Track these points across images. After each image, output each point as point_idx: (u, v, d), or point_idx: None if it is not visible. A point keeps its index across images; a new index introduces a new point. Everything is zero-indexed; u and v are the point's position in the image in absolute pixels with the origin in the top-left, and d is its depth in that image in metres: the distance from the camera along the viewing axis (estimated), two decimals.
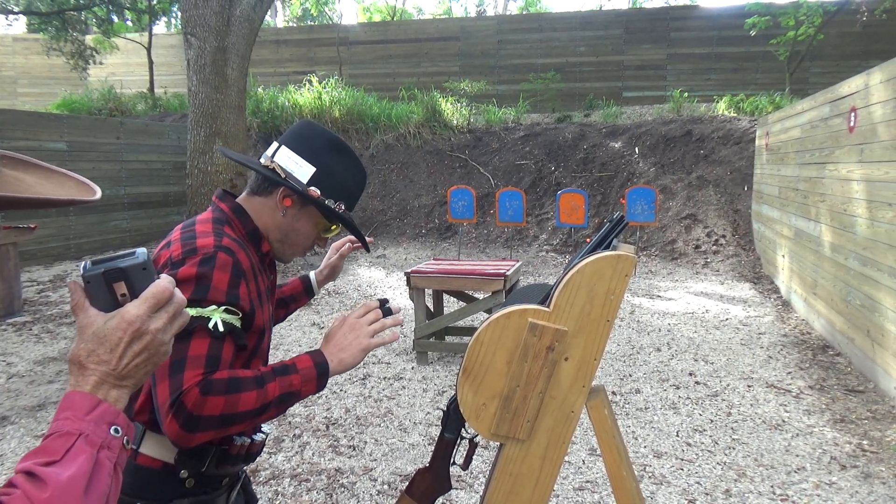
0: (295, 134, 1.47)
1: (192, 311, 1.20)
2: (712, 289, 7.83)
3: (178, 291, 0.83)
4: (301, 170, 1.42)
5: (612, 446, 1.45)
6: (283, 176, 1.41)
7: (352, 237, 1.74)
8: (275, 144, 1.46)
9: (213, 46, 8.27)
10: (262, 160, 1.46)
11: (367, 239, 1.70)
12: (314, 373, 1.29)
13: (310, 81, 13.75)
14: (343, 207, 1.46)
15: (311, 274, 1.87)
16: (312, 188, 1.42)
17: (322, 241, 1.53)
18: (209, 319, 1.22)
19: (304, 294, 1.85)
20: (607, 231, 1.51)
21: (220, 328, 1.22)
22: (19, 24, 20.00)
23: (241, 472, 1.50)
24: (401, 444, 3.73)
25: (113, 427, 0.76)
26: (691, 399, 4.39)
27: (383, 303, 1.43)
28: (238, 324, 1.27)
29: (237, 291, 1.27)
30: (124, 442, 0.78)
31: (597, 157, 11.29)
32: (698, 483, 3.27)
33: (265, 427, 1.48)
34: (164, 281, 0.82)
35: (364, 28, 17.58)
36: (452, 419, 1.57)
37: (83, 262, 0.82)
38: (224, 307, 1.25)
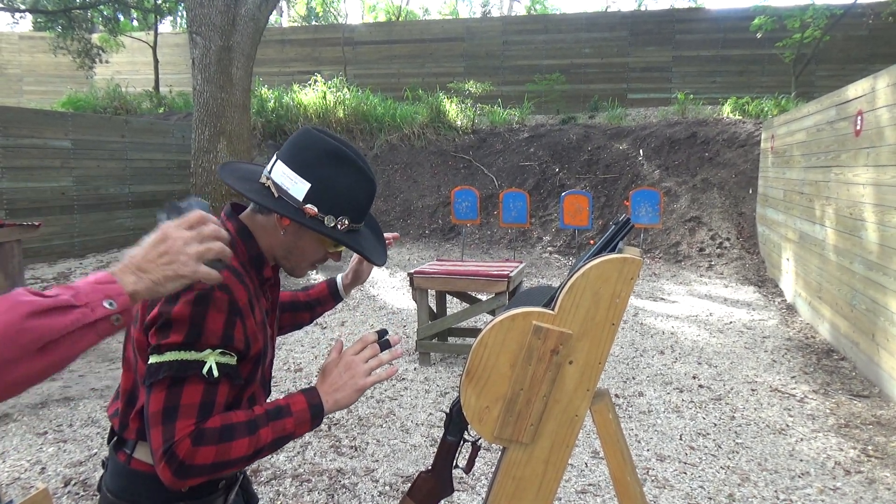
0: (291, 146, 1.35)
1: (186, 355, 1.17)
2: (716, 292, 7.80)
3: (212, 220, 1.00)
4: (296, 187, 1.30)
5: (616, 450, 1.44)
6: (276, 195, 1.30)
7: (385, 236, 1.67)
8: (273, 158, 1.36)
9: (218, 46, 8.27)
10: (262, 175, 1.37)
11: (389, 237, 1.68)
12: (308, 415, 1.28)
13: (315, 81, 13.76)
14: (347, 222, 1.34)
15: (338, 277, 1.81)
16: (309, 206, 1.30)
17: (335, 255, 1.44)
18: (203, 364, 1.19)
19: (330, 298, 1.80)
20: (613, 233, 1.49)
21: (215, 373, 1.20)
22: (25, 23, 20.06)
23: (238, 474, 1.49)
24: (403, 446, 3.72)
25: (108, 300, 0.87)
26: (695, 402, 4.37)
27: (381, 335, 1.39)
28: (233, 362, 1.24)
29: (232, 332, 1.23)
30: (113, 318, 0.87)
31: (601, 159, 11.27)
32: (701, 487, 3.26)
33: None
34: (200, 211, 1.01)
35: (369, 28, 17.59)
36: (455, 422, 1.55)
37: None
38: (219, 349, 1.21)
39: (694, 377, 4.86)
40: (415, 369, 5.05)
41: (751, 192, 9.88)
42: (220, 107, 8.44)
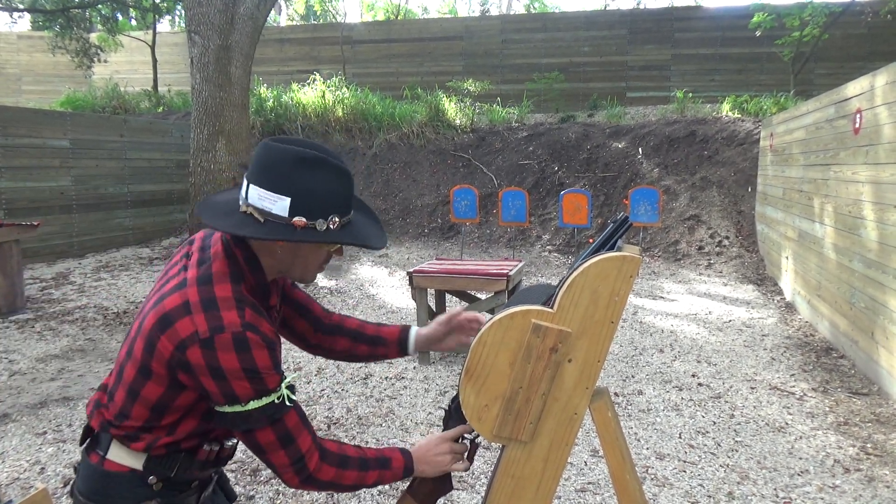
0: (258, 166, 1.31)
1: (268, 400, 1.28)
2: (715, 290, 7.81)
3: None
4: (278, 205, 1.29)
5: (615, 449, 1.43)
6: (262, 220, 1.29)
7: (468, 315, 1.69)
8: (244, 183, 1.34)
9: (216, 45, 8.26)
10: (240, 202, 1.35)
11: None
12: (401, 474, 1.50)
13: (314, 80, 13.75)
14: (338, 220, 1.34)
15: (413, 329, 1.73)
16: (297, 219, 1.29)
17: (338, 251, 1.45)
18: (283, 398, 1.30)
19: (396, 345, 1.74)
20: (611, 231, 1.49)
21: (293, 396, 1.33)
22: (24, 22, 20.03)
23: (212, 474, 1.51)
24: (402, 445, 3.71)
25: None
26: (694, 401, 4.37)
27: (473, 435, 1.56)
28: (289, 379, 1.35)
29: (279, 360, 1.32)
30: None
31: (600, 158, 11.27)
32: (701, 485, 3.26)
33: None
34: None
35: (368, 27, 17.57)
36: (454, 419, 1.56)
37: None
38: (282, 381, 1.31)
39: (693, 375, 4.86)
40: (414, 368, 5.05)
41: (750, 190, 9.88)
42: (219, 106, 8.43)
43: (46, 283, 7.91)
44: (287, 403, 1.29)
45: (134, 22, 19.82)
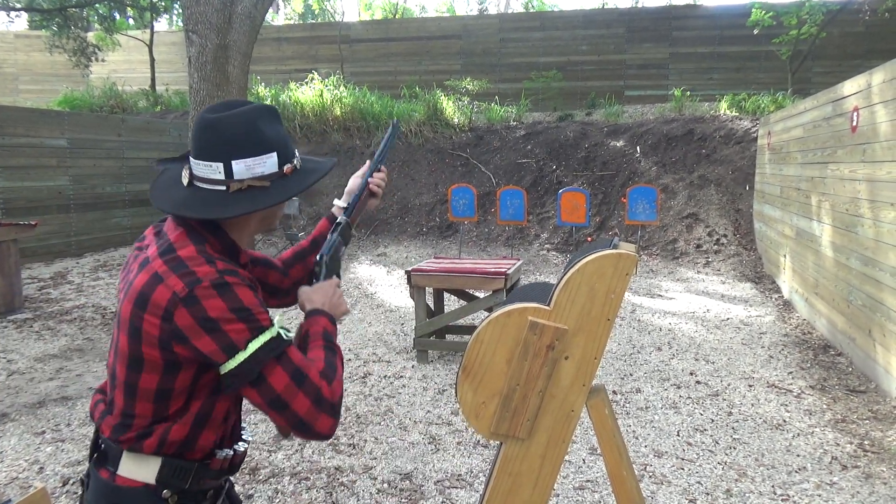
0: (230, 140, 1.30)
1: (265, 338, 1.24)
2: (713, 288, 7.82)
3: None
4: (267, 163, 1.32)
5: (612, 446, 1.44)
6: (268, 185, 1.31)
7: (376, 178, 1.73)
8: (216, 164, 1.30)
9: (214, 44, 8.26)
10: (222, 185, 1.32)
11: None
12: (333, 329, 1.47)
13: (312, 79, 13.74)
14: (294, 162, 1.37)
15: (334, 206, 1.77)
16: (286, 166, 1.34)
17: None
18: (279, 334, 1.27)
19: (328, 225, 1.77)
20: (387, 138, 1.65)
21: (289, 332, 1.30)
22: (21, 21, 19.99)
23: (225, 482, 1.48)
24: (401, 443, 3.72)
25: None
26: (692, 398, 4.38)
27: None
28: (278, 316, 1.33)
29: (260, 298, 1.30)
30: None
31: (598, 156, 11.27)
32: (699, 483, 3.26)
33: (246, 435, 1.49)
34: None
35: (366, 26, 17.55)
36: (329, 270, 1.58)
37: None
38: (274, 321, 1.29)
39: (691, 373, 4.87)
40: (412, 367, 5.06)
41: (748, 188, 9.89)
42: None
43: (44, 282, 7.90)
44: (285, 338, 1.27)
45: (131, 21, 19.80)
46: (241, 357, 1.21)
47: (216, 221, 1.34)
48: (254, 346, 1.22)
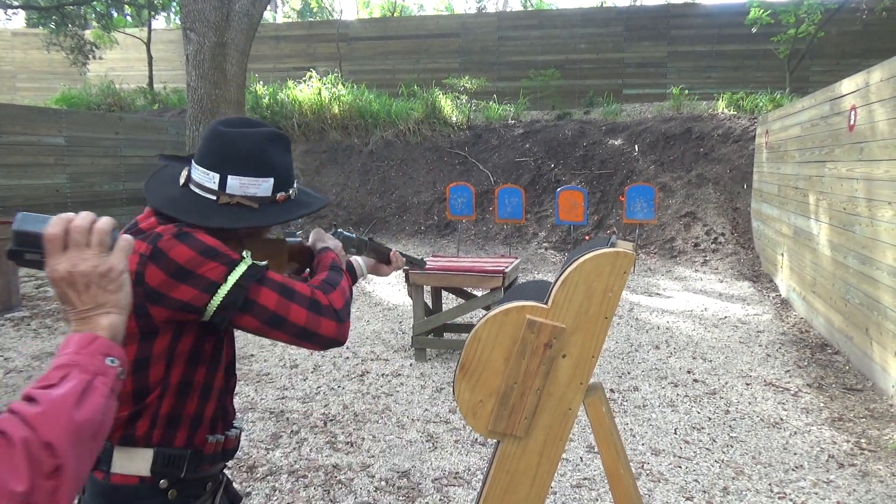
0: (230, 155, 1.33)
1: (241, 270, 1.25)
2: (711, 287, 7.83)
3: (81, 217, 0.89)
4: (262, 187, 1.35)
5: (609, 444, 1.44)
6: (256, 206, 1.34)
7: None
8: (213, 174, 1.33)
9: (212, 42, 8.24)
10: (213, 195, 1.34)
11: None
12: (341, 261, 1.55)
13: (310, 77, 13.72)
14: (290, 191, 1.41)
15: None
16: (280, 194, 1.37)
17: None
18: (253, 263, 1.28)
19: None
20: None
21: (261, 262, 1.30)
22: (18, 19, 19.97)
23: (221, 476, 1.48)
24: (398, 441, 3.72)
25: (108, 358, 0.84)
26: (689, 397, 4.39)
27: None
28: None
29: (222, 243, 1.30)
30: (119, 372, 0.85)
31: (596, 155, 11.28)
32: (696, 481, 3.27)
33: (237, 422, 1.49)
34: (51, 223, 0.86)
35: (364, 24, 17.54)
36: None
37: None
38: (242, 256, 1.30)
39: (689, 372, 4.88)
40: (410, 365, 5.06)
41: (745, 187, 9.90)
42: (215, 103, 8.42)
43: (42, 280, 7.89)
44: (261, 264, 1.28)
45: (129, 19, 19.76)
46: (223, 290, 1.23)
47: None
48: (233, 277, 1.23)
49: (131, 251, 0.93)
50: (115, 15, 18.07)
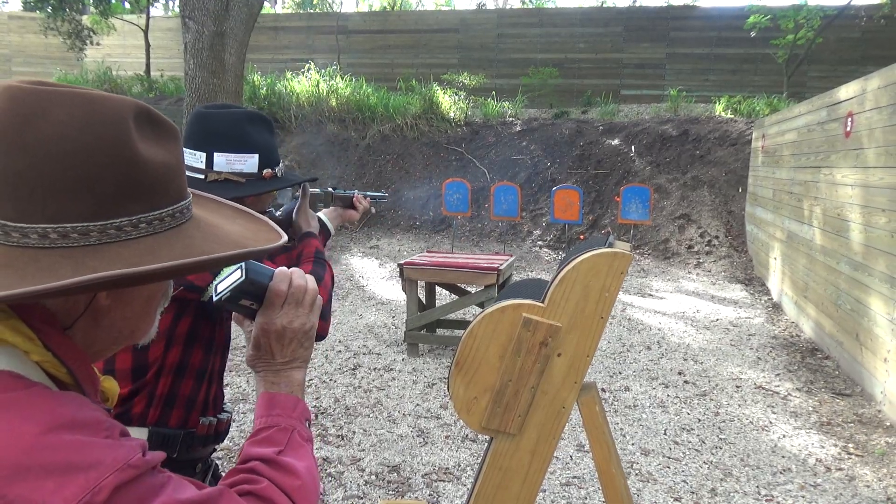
0: (214, 133, 1.40)
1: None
2: (704, 289, 7.86)
3: (306, 281, 0.92)
4: (248, 163, 1.42)
5: (601, 443, 1.45)
6: (243, 181, 1.41)
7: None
8: (201, 153, 1.39)
9: (211, 31, 8.20)
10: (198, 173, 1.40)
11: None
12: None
13: (308, 69, 13.67)
14: (281, 165, 1.48)
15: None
16: (266, 171, 1.44)
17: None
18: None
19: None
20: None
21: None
22: (15, 2, 19.81)
23: (210, 460, 1.52)
24: (389, 436, 3.73)
25: (307, 421, 0.90)
26: (680, 398, 4.41)
27: None
28: None
29: None
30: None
31: (593, 155, 11.29)
32: (684, 481, 3.29)
33: (227, 407, 1.53)
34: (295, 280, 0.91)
35: (363, 17, 17.48)
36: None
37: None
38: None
39: (680, 373, 4.90)
40: (403, 360, 5.06)
41: (740, 190, 9.94)
42: (212, 92, 8.38)
43: None
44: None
45: (127, 5, 19.60)
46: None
47: None
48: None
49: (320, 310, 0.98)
50: (113, 1, 17.94)
